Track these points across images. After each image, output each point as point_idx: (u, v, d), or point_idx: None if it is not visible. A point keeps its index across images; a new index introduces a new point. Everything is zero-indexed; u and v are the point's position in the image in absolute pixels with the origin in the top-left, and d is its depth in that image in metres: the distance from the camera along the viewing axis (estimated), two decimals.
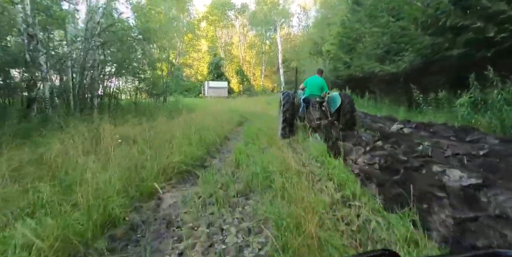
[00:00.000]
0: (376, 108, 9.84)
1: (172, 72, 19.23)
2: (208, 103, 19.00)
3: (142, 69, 11.13)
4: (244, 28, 41.90)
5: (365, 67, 9.45)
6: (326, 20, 20.67)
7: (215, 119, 8.93)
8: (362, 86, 12.11)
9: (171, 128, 6.73)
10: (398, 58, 7.63)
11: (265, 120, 9.74)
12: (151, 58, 11.68)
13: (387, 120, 7.45)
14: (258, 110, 13.97)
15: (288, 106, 5.80)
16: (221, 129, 7.42)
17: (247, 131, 7.11)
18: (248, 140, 5.98)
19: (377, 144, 4.72)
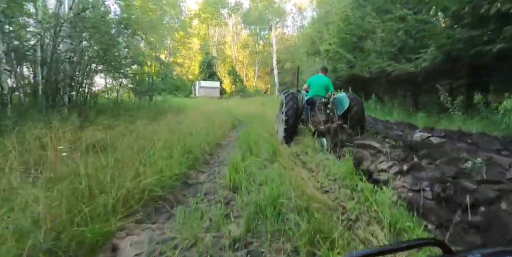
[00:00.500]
0: (384, 112, 8.91)
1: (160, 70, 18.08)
2: (199, 104, 17.78)
3: (125, 64, 9.91)
4: (237, 27, 40.85)
5: (373, 66, 8.53)
6: (324, 19, 19.76)
7: (205, 122, 7.83)
8: (365, 87, 11.19)
9: (152, 132, 5.61)
10: (415, 56, 6.70)
11: (261, 123, 8.70)
12: (135, 52, 10.46)
13: (404, 126, 6.48)
14: (252, 112, 12.90)
15: (291, 107, 5.18)
16: (212, 134, 6.31)
17: (242, 136, 6.03)
18: (244, 149, 4.89)
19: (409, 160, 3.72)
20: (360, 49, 10.87)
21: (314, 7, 30.23)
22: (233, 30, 41.43)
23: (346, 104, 5.33)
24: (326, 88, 5.80)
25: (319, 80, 5.87)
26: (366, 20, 9.05)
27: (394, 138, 5.47)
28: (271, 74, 40.18)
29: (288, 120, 5.14)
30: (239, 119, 11.01)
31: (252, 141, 5.59)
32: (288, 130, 5.19)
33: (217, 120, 8.85)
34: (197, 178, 3.88)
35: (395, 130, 6.08)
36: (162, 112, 9.92)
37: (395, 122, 6.97)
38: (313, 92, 5.77)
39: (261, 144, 5.39)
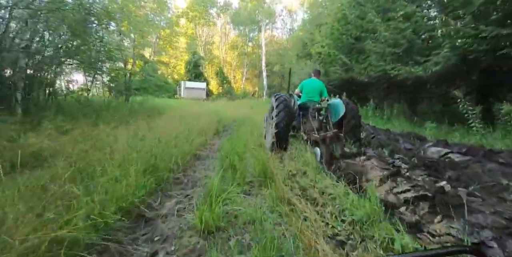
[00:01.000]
0: (383, 119, 8.18)
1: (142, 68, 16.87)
2: (182, 105, 16.65)
3: (97, 58, 8.76)
4: (226, 27, 39.91)
5: (374, 69, 7.79)
6: (317, 20, 19.15)
7: (185, 126, 6.83)
8: (361, 92, 10.47)
9: (114, 140, 4.57)
10: (424, 58, 5.98)
11: (249, 129, 7.77)
12: (108, 45, 9.31)
13: (410, 137, 5.71)
14: (239, 116, 11.95)
15: (283, 113, 4.60)
16: (190, 142, 5.31)
17: (225, 146, 5.07)
18: (226, 166, 3.93)
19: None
20: (357, 50, 10.15)
21: (305, 9, 29.75)
22: (222, 31, 40.46)
23: (341, 111, 4.94)
24: (320, 92, 5.44)
25: (312, 84, 5.48)
26: (366, 19, 8.32)
27: (406, 153, 4.67)
28: (259, 76, 39.43)
29: (278, 127, 4.55)
30: (224, 124, 10.02)
31: (235, 153, 4.65)
32: (278, 138, 4.59)
33: (199, 124, 7.85)
34: (160, 207, 2.88)
35: (402, 142, 5.27)
36: (137, 114, 8.83)
37: (399, 132, 6.20)
38: (306, 97, 5.40)
39: (248, 157, 4.47)
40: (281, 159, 4.39)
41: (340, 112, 4.97)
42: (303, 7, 31.40)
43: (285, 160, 4.22)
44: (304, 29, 22.83)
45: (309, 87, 5.47)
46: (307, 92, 5.43)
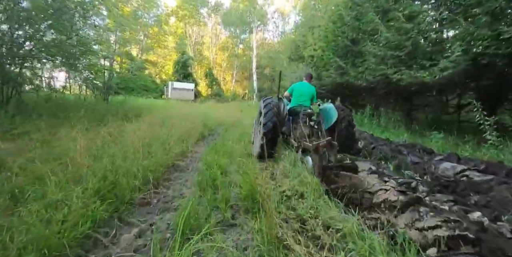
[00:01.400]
0: (381, 127, 7.66)
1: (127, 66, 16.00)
2: (168, 106, 15.77)
3: (71, 52, 7.88)
4: (217, 28, 39.23)
5: (373, 73, 7.28)
6: (309, 22, 18.74)
7: (166, 130, 6.10)
8: (355, 98, 9.99)
9: (75, 146, 3.80)
10: (430, 62, 5.49)
11: (238, 134, 7.12)
12: (85, 39, 8.46)
13: (414, 149, 5.16)
14: (228, 119, 11.27)
15: (271, 117, 4.31)
16: (168, 150, 4.58)
17: (207, 158, 4.36)
18: (207, 182, 3.25)
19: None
20: (353, 53, 9.66)
21: (297, 12, 29.42)
22: (212, 31, 39.76)
23: (334, 117, 4.63)
24: (311, 97, 5.11)
25: (303, 88, 5.13)
26: (365, 20, 7.83)
27: (414, 168, 4.11)
28: (249, 79, 38.88)
29: (266, 134, 4.20)
30: (211, 128, 9.31)
31: (221, 165, 3.97)
32: (266, 146, 4.09)
33: (183, 127, 7.13)
34: (112, 243, 2.17)
35: (407, 155, 4.71)
36: (116, 115, 8.01)
37: (402, 142, 5.65)
38: (296, 102, 5.05)
39: (233, 171, 3.80)
40: (272, 174, 3.74)
41: (332, 118, 4.65)
42: (296, 10, 31.10)
43: (277, 176, 3.56)
44: (297, 32, 22.41)
45: (299, 91, 5.10)
46: (298, 96, 5.07)
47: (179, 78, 29.97)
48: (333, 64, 10.17)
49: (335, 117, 4.64)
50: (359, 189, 2.89)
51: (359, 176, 3.14)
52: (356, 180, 3.08)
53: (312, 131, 4.61)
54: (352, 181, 3.08)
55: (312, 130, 4.65)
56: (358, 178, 3.09)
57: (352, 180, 3.09)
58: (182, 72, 30.53)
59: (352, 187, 2.92)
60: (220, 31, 40.13)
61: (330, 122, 4.67)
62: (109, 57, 10.28)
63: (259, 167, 4.03)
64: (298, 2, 30.20)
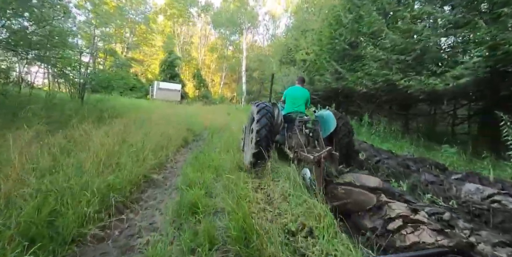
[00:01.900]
0: (380, 137, 7.13)
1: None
2: (152, 107, 14.82)
3: (39, 44, 6.97)
4: (206, 28, 38.44)
5: (373, 79, 6.77)
6: (302, 26, 18.31)
7: (144, 135, 5.33)
8: (350, 105, 9.49)
9: (7, 159, 3.00)
10: (439, 68, 4.99)
11: (225, 140, 6.43)
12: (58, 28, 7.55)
13: (424, 163, 4.61)
14: (215, 123, 10.51)
15: (265, 124, 3.92)
16: (137, 164, 3.79)
17: (189, 173, 3.63)
18: (184, 217, 2.54)
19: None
20: (351, 57, 9.17)
21: (289, 15, 29.12)
22: (202, 32, 38.92)
23: (332, 125, 4.24)
24: (306, 102, 4.68)
25: (296, 92, 4.70)
26: (366, 21, 7.32)
27: (432, 189, 3.53)
28: (238, 81, 38.18)
29: (260, 143, 3.80)
30: (196, 132, 8.55)
31: (205, 181, 3.26)
32: (258, 155, 3.82)
33: (165, 132, 6.37)
34: None
35: (420, 172, 4.14)
36: (89, 115, 7.12)
37: (410, 156, 5.09)
38: (290, 107, 4.62)
39: (220, 191, 3.10)
40: (268, 196, 3.05)
41: (330, 126, 4.25)
42: (287, 13, 30.80)
43: (274, 199, 2.88)
44: (289, 34, 21.97)
45: (293, 95, 4.67)
46: (292, 102, 4.64)
47: (166, 78, 28.90)
48: (328, 68, 9.65)
49: (333, 125, 4.24)
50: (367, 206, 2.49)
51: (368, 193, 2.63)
52: (364, 196, 2.59)
53: (308, 140, 4.15)
54: (359, 197, 2.61)
55: (308, 138, 4.18)
56: (367, 194, 2.60)
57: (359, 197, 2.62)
58: (169, 72, 29.47)
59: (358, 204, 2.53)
60: (209, 32, 39.35)
61: (327, 131, 4.25)
62: (86, 51, 9.35)
63: (251, 185, 3.33)
64: (290, 5, 29.92)
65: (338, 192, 2.71)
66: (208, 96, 33.23)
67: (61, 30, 7.88)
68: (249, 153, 4.02)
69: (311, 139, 4.20)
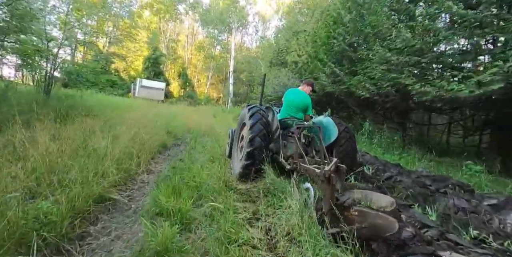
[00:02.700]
0: (383, 148, 6.48)
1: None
2: (133, 106, 13.70)
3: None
4: (194, 26, 37.36)
5: (378, 83, 6.15)
6: (294, 27, 17.73)
7: (111, 139, 4.40)
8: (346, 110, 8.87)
9: None
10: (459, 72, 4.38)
11: (209, 146, 5.61)
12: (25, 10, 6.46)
13: (446, 184, 3.94)
14: (199, 125, 9.60)
15: (260, 131, 3.49)
16: (93, 180, 2.86)
17: (160, 196, 2.75)
18: None
19: None
20: (351, 59, 8.53)
21: (280, 16, 28.60)
22: (189, 30, 37.79)
23: (334, 133, 3.75)
24: (305, 109, 4.20)
25: (298, 96, 4.19)
26: (371, 19, 6.69)
27: (469, 220, 2.83)
28: (225, 82, 37.31)
29: (253, 154, 3.42)
30: (177, 135, 7.62)
31: (181, 211, 2.41)
32: (251, 166, 3.43)
33: (140, 135, 5.44)
34: None
35: (448, 195, 3.46)
36: (50, 112, 6.07)
37: (426, 173, 4.42)
38: (287, 113, 4.18)
39: (203, 228, 2.26)
40: (269, 232, 2.24)
41: (332, 134, 3.76)
42: (278, 15, 30.26)
43: (280, 240, 2.07)
44: (280, 35, 21.36)
45: (293, 99, 4.18)
46: (289, 106, 4.18)
47: (149, 76, 27.61)
48: (325, 70, 8.99)
49: (335, 132, 3.75)
50: (387, 233, 1.98)
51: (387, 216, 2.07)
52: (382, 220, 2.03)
53: (305, 149, 3.63)
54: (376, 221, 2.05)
55: (305, 148, 3.68)
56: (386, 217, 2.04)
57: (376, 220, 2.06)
58: (153, 70, 28.20)
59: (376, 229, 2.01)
60: (197, 31, 38.26)
61: (329, 140, 3.74)
62: (55, 40, 8.21)
63: (244, 215, 2.51)
64: (281, 6, 29.41)
65: (351, 214, 2.15)
66: (194, 96, 32.16)
67: (25, 12, 6.78)
68: (239, 165, 3.60)
69: (308, 149, 3.75)
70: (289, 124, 4.07)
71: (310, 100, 4.30)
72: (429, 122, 7.75)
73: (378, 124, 7.73)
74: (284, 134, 3.95)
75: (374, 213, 2.14)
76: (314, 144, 3.77)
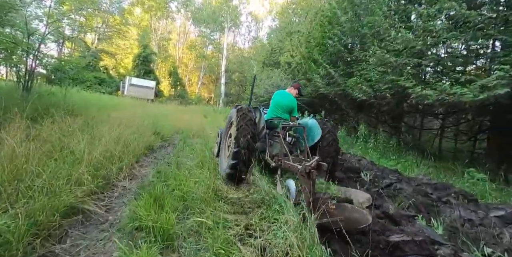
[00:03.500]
0: (379, 153, 6.29)
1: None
2: (120, 105, 13.20)
3: None
4: (185, 25, 36.81)
5: (375, 85, 5.95)
6: (287, 27, 17.53)
7: (93, 140, 4.07)
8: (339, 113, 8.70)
9: None
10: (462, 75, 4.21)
11: (199, 149, 5.30)
12: None
13: (448, 193, 3.75)
14: (189, 126, 9.26)
15: (246, 132, 3.50)
16: (55, 194, 2.51)
17: (140, 208, 2.44)
18: None
19: None
20: (346, 60, 8.35)
21: (273, 17, 28.43)
22: (181, 29, 37.23)
23: (317, 134, 3.99)
24: (290, 111, 4.42)
25: (284, 98, 4.40)
26: (368, 20, 6.50)
27: (477, 234, 2.63)
28: (217, 82, 36.91)
29: (238, 154, 3.42)
30: (165, 137, 7.26)
31: (162, 224, 2.11)
32: (238, 166, 3.43)
33: (126, 135, 5.10)
34: None
35: (455, 207, 3.26)
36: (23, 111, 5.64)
37: (426, 180, 4.21)
38: (273, 113, 4.38)
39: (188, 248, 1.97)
40: (264, 252, 1.96)
41: (315, 135, 3.99)
42: (271, 15, 30.09)
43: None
44: (273, 35, 21.15)
45: (279, 101, 4.38)
46: (276, 108, 4.37)
47: (139, 74, 26.97)
48: (320, 71, 8.78)
49: (318, 133, 3.97)
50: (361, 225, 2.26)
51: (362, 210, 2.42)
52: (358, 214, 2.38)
53: (290, 148, 3.87)
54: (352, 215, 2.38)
55: (290, 147, 3.93)
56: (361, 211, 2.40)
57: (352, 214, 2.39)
58: (143, 68, 27.54)
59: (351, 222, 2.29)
60: (189, 30, 37.69)
61: (312, 140, 3.97)
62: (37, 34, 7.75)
63: (235, 230, 2.22)
64: (275, 7, 29.23)
65: (329, 207, 2.36)
66: (184, 95, 31.64)
67: (1, 3, 6.32)
68: (226, 164, 3.67)
69: (293, 148, 4.01)
70: (275, 125, 4.19)
71: (296, 102, 4.47)
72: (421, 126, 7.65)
73: (371, 127, 7.58)
74: (271, 134, 4.16)
75: (351, 207, 2.43)
76: (299, 144, 4.00)
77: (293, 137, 4.09)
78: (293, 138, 4.10)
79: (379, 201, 3.40)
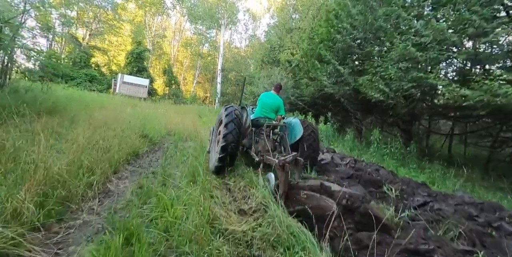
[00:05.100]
0: (398, 161, 5.57)
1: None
2: (108, 103, 12.34)
3: None
4: (181, 22, 35.90)
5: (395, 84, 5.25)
6: (287, 24, 16.81)
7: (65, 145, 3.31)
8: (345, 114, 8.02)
9: None
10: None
11: (191, 155, 4.57)
12: None
13: (499, 215, 3.05)
14: (182, 127, 8.47)
15: (232, 129, 3.84)
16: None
17: (116, 241, 1.69)
18: None
19: None
20: (358, 57, 7.64)
21: (271, 14, 27.71)
22: (176, 26, 36.27)
23: (299, 133, 4.43)
24: (276, 110, 4.76)
25: (269, 99, 4.78)
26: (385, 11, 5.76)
27: None
28: (212, 81, 36.05)
29: (226, 147, 3.74)
30: (153, 140, 6.47)
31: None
32: (224, 159, 3.79)
33: (105, 139, 4.33)
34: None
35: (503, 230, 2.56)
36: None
37: (468, 198, 3.52)
38: (260, 113, 4.73)
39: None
40: None
41: (297, 133, 4.46)
42: (269, 12, 29.33)
43: None
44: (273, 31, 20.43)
45: (265, 101, 4.76)
46: (263, 108, 4.74)
47: (132, 72, 26.02)
48: (327, 69, 8.06)
49: (300, 132, 4.42)
50: (327, 212, 2.36)
51: (328, 199, 2.59)
52: (325, 202, 2.56)
53: (275, 145, 4.39)
54: (320, 203, 2.58)
55: (275, 144, 4.43)
56: (328, 200, 2.57)
57: (320, 202, 2.59)
58: (136, 65, 26.57)
59: (319, 210, 2.49)
60: (184, 27, 36.74)
61: (294, 138, 4.45)
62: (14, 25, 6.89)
63: None
64: (273, 3, 28.49)
65: (301, 197, 2.75)
66: (179, 94, 30.73)
67: None
68: (215, 157, 3.95)
69: (277, 145, 4.41)
70: (261, 123, 4.45)
71: (282, 102, 4.82)
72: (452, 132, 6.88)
73: (384, 131, 6.90)
74: (257, 131, 4.49)
75: (319, 196, 2.64)
76: (283, 141, 4.32)
77: (277, 135, 4.50)
78: (278, 136, 4.49)
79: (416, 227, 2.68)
